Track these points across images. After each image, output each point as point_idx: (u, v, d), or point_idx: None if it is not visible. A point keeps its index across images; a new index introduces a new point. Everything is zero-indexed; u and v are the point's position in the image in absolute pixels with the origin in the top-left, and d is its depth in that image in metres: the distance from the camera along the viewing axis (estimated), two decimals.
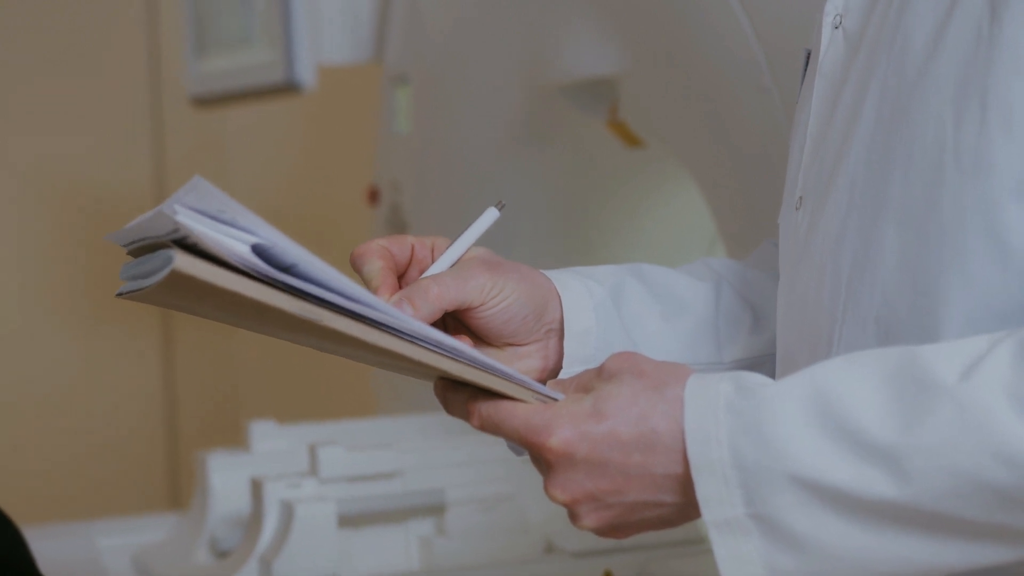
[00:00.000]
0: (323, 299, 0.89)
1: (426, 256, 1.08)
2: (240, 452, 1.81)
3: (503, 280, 1.07)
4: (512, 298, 1.07)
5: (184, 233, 0.85)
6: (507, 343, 1.09)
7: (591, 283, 1.12)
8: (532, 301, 1.08)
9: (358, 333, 0.91)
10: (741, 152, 1.59)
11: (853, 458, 0.88)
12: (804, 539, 0.89)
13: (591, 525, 0.96)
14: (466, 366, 0.95)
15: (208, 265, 0.86)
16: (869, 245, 0.96)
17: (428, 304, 1.03)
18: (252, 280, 0.87)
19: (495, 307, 1.06)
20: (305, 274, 0.88)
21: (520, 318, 1.08)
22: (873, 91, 0.98)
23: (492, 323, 1.07)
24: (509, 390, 0.96)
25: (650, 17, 1.71)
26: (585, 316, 1.11)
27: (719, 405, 0.91)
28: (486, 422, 0.97)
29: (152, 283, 0.87)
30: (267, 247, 0.87)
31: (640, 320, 1.14)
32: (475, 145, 2.11)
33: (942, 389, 0.87)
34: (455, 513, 1.66)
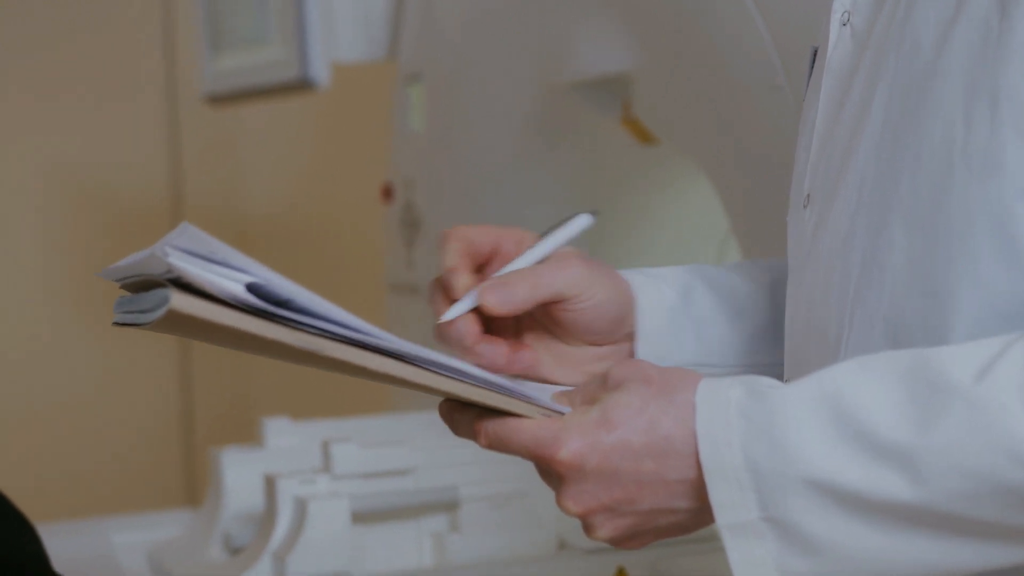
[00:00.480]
0: (322, 329, 0.90)
1: (511, 249, 1.07)
2: (254, 449, 1.82)
3: (597, 277, 1.07)
4: (603, 296, 1.07)
5: (178, 274, 0.86)
6: (586, 341, 1.09)
7: (662, 285, 1.12)
8: (620, 302, 1.08)
9: (359, 360, 0.92)
10: (754, 150, 1.58)
11: (867, 460, 0.87)
12: (818, 542, 0.89)
13: (606, 535, 0.95)
14: (469, 385, 0.95)
15: (205, 303, 0.87)
16: (877, 244, 0.96)
17: (525, 290, 1.03)
18: (250, 315, 0.88)
19: (587, 302, 1.06)
20: (301, 307, 0.89)
21: (609, 317, 1.07)
22: (881, 89, 0.98)
23: (582, 319, 1.07)
24: (514, 407, 0.96)
25: (664, 15, 1.71)
26: (658, 319, 1.10)
27: (730, 409, 0.91)
28: (493, 440, 0.97)
29: (152, 320, 0.88)
30: (262, 284, 0.88)
31: (709, 322, 1.13)
32: (488, 143, 2.11)
33: (956, 390, 0.86)
34: (468, 510, 1.67)
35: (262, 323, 0.89)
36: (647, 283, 1.11)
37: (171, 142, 3.47)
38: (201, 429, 3.52)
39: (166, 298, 0.86)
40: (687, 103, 1.70)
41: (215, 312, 0.87)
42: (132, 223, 3.43)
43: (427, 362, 0.94)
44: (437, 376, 0.94)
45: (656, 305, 1.11)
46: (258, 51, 2.42)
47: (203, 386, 3.52)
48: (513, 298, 1.03)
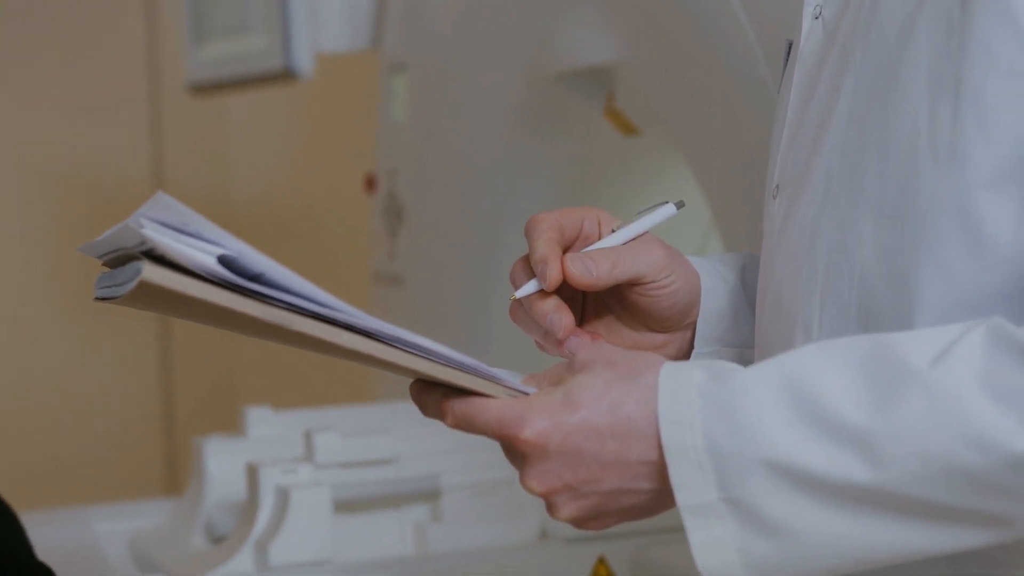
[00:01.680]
0: (291, 304, 0.90)
1: (594, 231, 1.08)
2: (236, 438, 1.82)
3: (677, 264, 1.08)
4: (680, 283, 1.08)
5: (151, 245, 0.86)
6: (652, 327, 1.09)
7: (720, 267, 1.13)
8: (693, 291, 1.09)
9: (327, 336, 0.92)
10: (736, 141, 1.59)
11: (826, 443, 0.88)
12: (778, 524, 0.90)
13: (568, 516, 0.96)
14: (435, 364, 0.95)
15: (177, 275, 0.87)
16: (845, 235, 0.97)
17: (608, 267, 1.04)
18: (220, 288, 0.88)
19: (665, 288, 1.07)
20: (272, 281, 0.89)
21: (682, 304, 1.08)
22: (848, 81, 0.99)
23: (657, 304, 1.07)
24: (481, 387, 0.96)
25: (648, 6, 1.71)
26: (719, 300, 1.11)
27: (692, 392, 0.92)
28: (460, 419, 0.97)
29: (124, 292, 0.89)
30: (233, 257, 0.88)
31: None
32: (473, 133, 2.11)
33: (914, 375, 0.87)
34: (450, 499, 1.67)
35: (232, 296, 0.89)
36: (708, 266, 1.12)
37: (153, 130, 3.47)
38: (181, 418, 3.52)
39: (138, 270, 0.87)
40: (670, 94, 1.71)
41: (186, 284, 0.87)
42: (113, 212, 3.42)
43: (396, 340, 0.94)
44: (406, 354, 0.94)
45: (718, 287, 1.12)
46: (242, 40, 2.42)
47: (183, 375, 3.52)
48: (597, 272, 1.04)
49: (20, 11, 3.35)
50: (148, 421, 3.50)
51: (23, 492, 1.96)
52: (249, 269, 0.89)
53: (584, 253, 1.04)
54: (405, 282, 2.24)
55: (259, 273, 0.89)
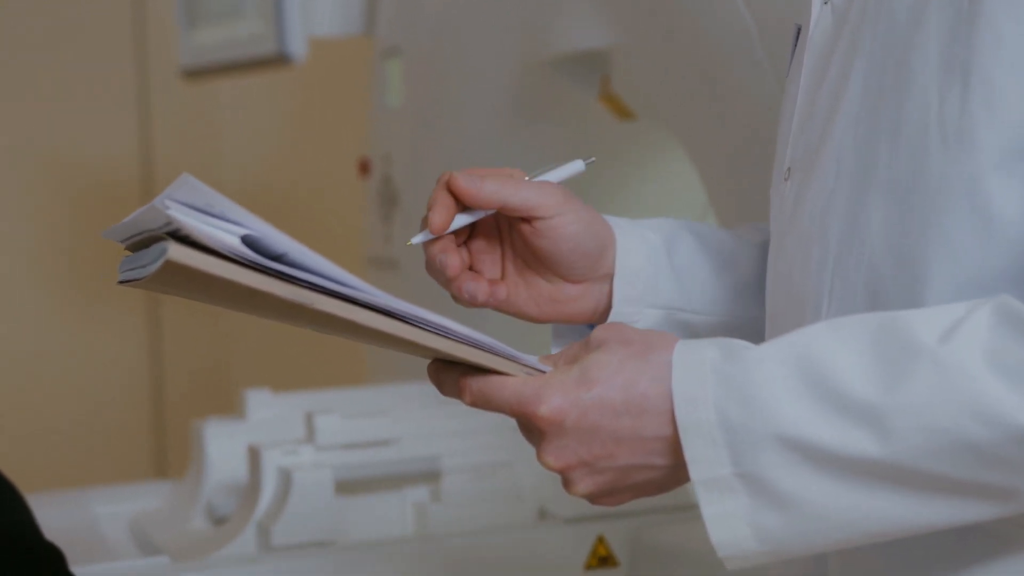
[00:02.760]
0: (313, 283, 0.92)
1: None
2: (236, 420, 1.83)
3: (574, 204, 1.09)
4: (580, 226, 1.09)
5: (176, 226, 0.88)
6: (563, 276, 1.11)
7: (646, 231, 1.15)
8: (597, 237, 1.11)
9: (348, 314, 0.93)
10: (733, 124, 1.60)
11: (836, 417, 0.90)
12: (789, 497, 0.92)
13: (584, 491, 0.97)
14: (454, 342, 0.97)
15: (201, 254, 0.88)
16: (856, 216, 0.99)
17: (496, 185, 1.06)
18: (244, 267, 0.90)
19: (562, 226, 1.08)
20: (295, 261, 0.91)
21: (584, 249, 1.10)
22: (859, 66, 1.00)
23: (557, 246, 1.09)
24: (498, 365, 0.98)
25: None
26: (636, 259, 1.13)
27: (706, 369, 0.94)
28: (477, 397, 0.99)
29: (148, 273, 0.90)
30: (257, 237, 0.89)
31: (691, 270, 1.16)
32: (467, 118, 2.12)
33: (922, 351, 0.89)
34: (450, 480, 1.69)
35: (255, 275, 0.90)
36: (630, 227, 1.14)
37: (142, 116, 3.47)
38: (171, 401, 3.52)
39: (164, 250, 0.88)
40: (666, 78, 1.71)
41: (210, 263, 0.88)
42: (102, 198, 3.43)
43: (416, 319, 0.95)
44: (425, 332, 0.96)
45: (638, 247, 1.13)
46: (235, 25, 2.42)
47: (173, 358, 3.53)
48: (482, 187, 1.05)
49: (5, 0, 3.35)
50: (137, 404, 3.50)
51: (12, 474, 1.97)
52: (272, 249, 0.90)
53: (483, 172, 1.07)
54: (400, 266, 2.25)
55: (282, 253, 0.90)
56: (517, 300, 1.12)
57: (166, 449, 3.52)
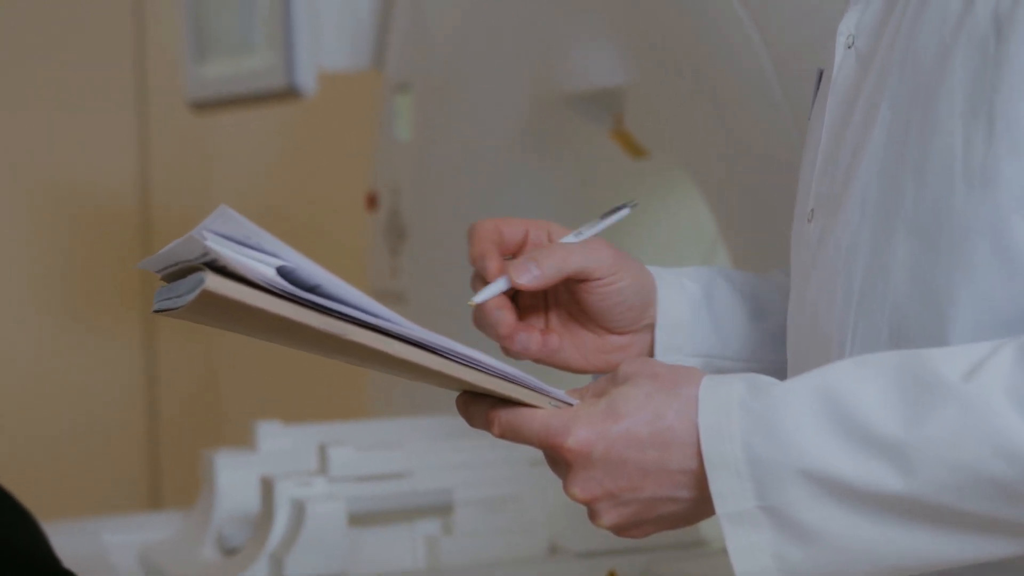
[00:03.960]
0: (347, 315, 0.93)
1: (542, 239, 1.12)
2: (246, 451, 1.83)
3: (624, 262, 1.12)
4: (628, 281, 1.12)
5: (213, 256, 0.89)
6: (608, 328, 1.13)
7: (685, 280, 1.17)
8: (644, 291, 1.13)
9: (381, 346, 0.95)
10: (748, 164, 1.62)
11: (860, 453, 0.92)
12: (813, 531, 0.93)
13: (609, 523, 0.99)
14: (484, 374, 0.98)
15: (238, 285, 0.90)
16: (880, 256, 1.00)
17: (554, 263, 1.08)
18: (280, 298, 0.91)
19: (613, 285, 1.11)
20: (329, 293, 0.92)
21: (630, 303, 1.12)
22: (884, 108, 1.02)
23: (606, 302, 1.11)
24: (527, 397, 0.99)
25: (659, 29, 1.73)
26: (678, 309, 1.15)
27: (732, 403, 0.95)
28: (506, 429, 1.00)
29: (185, 303, 0.91)
30: (292, 269, 0.91)
31: (728, 317, 1.18)
32: (477, 153, 2.13)
33: (947, 388, 0.91)
34: (462, 513, 1.69)
35: (290, 306, 0.92)
36: (670, 276, 1.17)
37: (141, 142, 3.48)
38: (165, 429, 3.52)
39: (201, 280, 0.89)
40: (680, 117, 1.73)
41: (246, 294, 0.90)
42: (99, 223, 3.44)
43: (447, 351, 0.97)
44: (456, 365, 0.97)
45: (678, 297, 1.16)
46: (244, 58, 2.43)
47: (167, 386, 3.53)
48: (541, 272, 1.08)
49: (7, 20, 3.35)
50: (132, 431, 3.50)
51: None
52: (307, 280, 0.92)
53: (529, 254, 1.08)
54: (407, 299, 2.26)
55: (316, 285, 0.92)
56: (563, 352, 1.14)
57: (161, 476, 3.52)
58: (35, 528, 1.47)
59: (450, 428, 1.85)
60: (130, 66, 3.46)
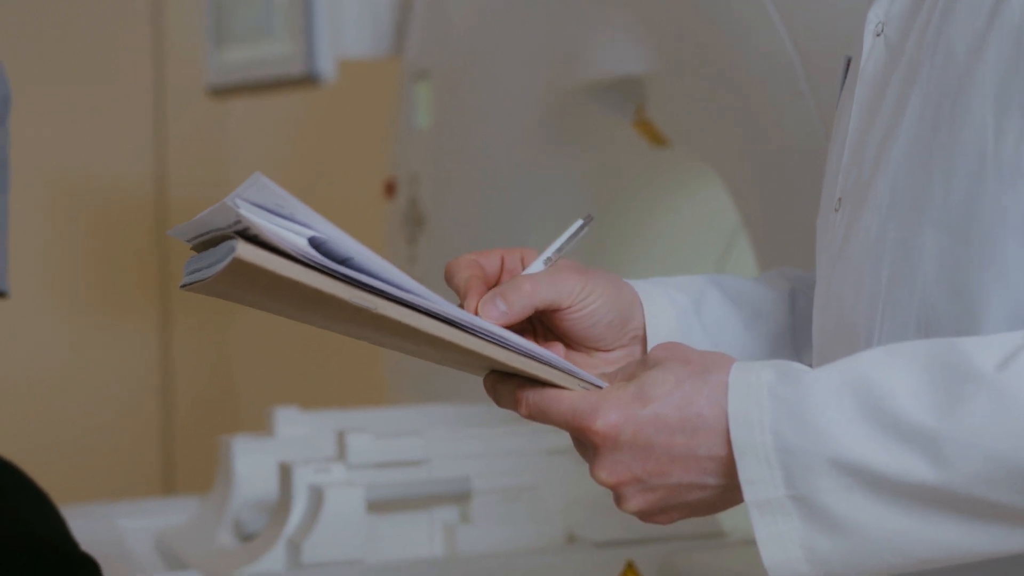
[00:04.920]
0: (377, 288, 0.92)
1: (516, 266, 1.11)
2: (264, 437, 1.83)
3: (592, 284, 1.10)
4: (600, 302, 1.10)
5: (245, 224, 0.88)
6: (594, 348, 1.12)
7: (672, 291, 1.15)
8: (618, 307, 1.11)
9: (410, 321, 0.94)
10: (773, 155, 1.61)
11: (892, 442, 0.90)
12: (842, 521, 0.92)
13: (636, 507, 0.98)
14: (513, 353, 0.98)
15: (269, 254, 0.89)
16: (909, 247, 0.99)
17: (520, 299, 1.06)
18: (311, 269, 0.90)
19: (584, 309, 1.09)
20: (360, 266, 0.91)
21: (606, 323, 1.10)
22: (914, 98, 1.01)
23: (580, 326, 1.10)
24: (555, 378, 0.98)
25: (682, 17, 1.72)
26: (667, 322, 1.14)
27: (762, 390, 0.94)
28: (533, 409, 0.99)
29: (215, 271, 0.90)
30: (324, 240, 0.90)
31: (722, 327, 1.17)
32: (496, 141, 2.12)
33: (980, 378, 0.89)
34: (480, 501, 1.69)
35: (321, 277, 0.90)
36: (656, 290, 1.15)
37: (158, 134, 3.48)
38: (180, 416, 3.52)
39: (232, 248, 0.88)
40: (704, 107, 1.72)
41: (278, 263, 0.89)
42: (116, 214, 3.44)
43: (478, 330, 0.96)
44: (485, 343, 0.97)
45: (666, 310, 1.14)
46: (263, 45, 2.43)
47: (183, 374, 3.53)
48: (510, 309, 1.06)
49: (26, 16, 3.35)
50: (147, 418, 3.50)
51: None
52: (338, 252, 0.90)
53: (497, 289, 1.07)
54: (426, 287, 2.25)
55: (348, 257, 0.91)
56: None
57: (175, 463, 3.52)
58: (54, 512, 1.47)
59: (468, 416, 1.85)
60: (148, 55, 3.46)
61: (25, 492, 1.48)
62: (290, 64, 2.35)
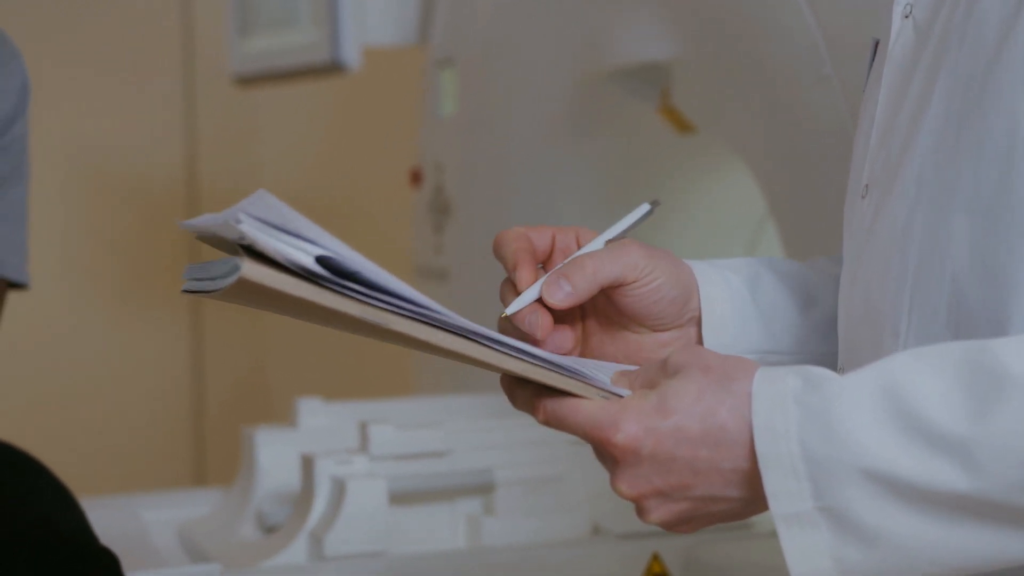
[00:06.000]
0: (387, 304, 0.91)
1: (570, 244, 1.08)
2: (287, 428, 1.82)
3: (655, 261, 1.07)
4: (663, 279, 1.07)
5: (250, 241, 0.87)
6: (651, 327, 1.09)
7: (728, 273, 1.12)
8: (680, 285, 1.09)
9: (423, 335, 0.93)
10: (799, 139, 1.59)
11: (922, 450, 0.88)
12: (873, 532, 0.89)
13: (659, 519, 0.96)
14: (528, 364, 0.95)
15: (275, 272, 0.87)
16: (937, 233, 0.97)
17: (585, 278, 1.04)
18: (318, 287, 0.89)
19: (648, 285, 1.06)
20: (368, 281, 0.90)
21: (668, 300, 1.08)
22: (943, 80, 0.98)
23: (642, 303, 1.07)
24: (573, 387, 0.96)
25: (707, 2, 1.71)
26: (722, 305, 1.11)
27: (787, 399, 0.91)
28: (551, 418, 0.97)
29: (221, 288, 0.89)
30: (331, 257, 0.88)
31: (776, 310, 1.14)
32: (522, 129, 2.11)
33: (1012, 381, 0.87)
34: (503, 493, 1.67)
35: (329, 295, 0.89)
36: (712, 271, 1.12)
37: (188, 124, 3.48)
38: (211, 408, 3.52)
39: (236, 267, 0.87)
40: (730, 92, 1.70)
41: (284, 282, 0.87)
42: (146, 205, 3.44)
43: (490, 340, 0.94)
44: (499, 354, 0.95)
45: (722, 293, 1.11)
46: (288, 33, 2.42)
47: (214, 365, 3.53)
48: (574, 288, 1.04)
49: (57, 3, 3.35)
50: (179, 410, 3.50)
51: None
52: (346, 268, 0.89)
53: (560, 269, 1.05)
54: (450, 276, 2.24)
55: (354, 272, 0.89)
56: (604, 355, 1.10)
57: (206, 455, 3.52)
58: (74, 506, 1.47)
59: (491, 407, 1.83)
60: (178, 43, 3.45)
61: (47, 487, 1.47)
62: (315, 52, 2.34)
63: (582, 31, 1.96)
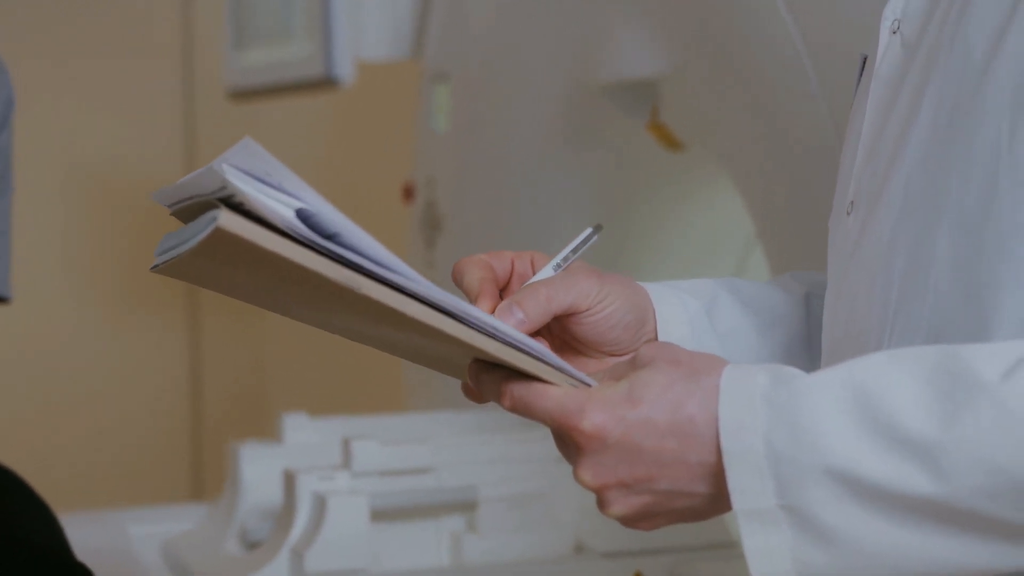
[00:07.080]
0: (363, 267, 0.88)
1: (526, 270, 1.08)
2: (272, 444, 1.81)
3: (608, 287, 1.07)
4: (616, 304, 1.07)
5: (231, 191, 0.84)
6: (607, 352, 1.09)
7: (685, 296, 1.12)
8: (635, 309, 1.08)
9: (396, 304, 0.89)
10: (785, 157, 1.58)
11: (889, 453, 0.87)
12: (835, 533, 0.88)
13: (619, 512, 0.94)
14: (502, 344, 0.93)
15: (253, 225, 0.84)
16: (921, 250, 0.96)
17: (538, 306, 1.03)
18: (295, 244, 0.86)
19: (600, 313, 1.06)
20: (347, 243, 0.87)
21: (623, 325, 1.07)
22: (930, 97, 0.98)
23: (596, 329, 1.07)
24: (544, 373, 0.94)
25: (696, 20, 1.71)
26: (679, 328, 1.10)
27: (755, 395, 0.90)
28: (517, 403, 0.96)
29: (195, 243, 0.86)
30: (312, 213, 0.85)
31: (735, 334, 1.13)
32: (514, 144, 2.11)
33: (983, 388, 0.86)
34: (486, 510, 1.66)
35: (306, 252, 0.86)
36: (669, 293, 1.12)
37: (188, 133, 3.48)
38: (209, 423, 3.52)
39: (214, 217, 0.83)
40: (717, 109, 1.70)
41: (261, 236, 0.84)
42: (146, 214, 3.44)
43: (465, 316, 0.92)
44: (472, 332, 0.92)
45: (679, 315, 1.11)
46: (283, 47, 2.42)
47: (212, 379, 3.52)
48: (527, 317, 1.03)
49: (57, 12, 3.36)
50: (175, 424, 3.50)
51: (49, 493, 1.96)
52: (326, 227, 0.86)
53: (514, 297, 1.04)
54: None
55: (335, 232, 0.86)
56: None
57: (203, 470, 3.52)
58: (52, 521, 1.46)
59: (476, 423, 1.83)
60: (177, 52, 3.46)
61: (25, 502, 1.47)
62: (309, 66, 2.34)
63: (573, 46, 1.96)
